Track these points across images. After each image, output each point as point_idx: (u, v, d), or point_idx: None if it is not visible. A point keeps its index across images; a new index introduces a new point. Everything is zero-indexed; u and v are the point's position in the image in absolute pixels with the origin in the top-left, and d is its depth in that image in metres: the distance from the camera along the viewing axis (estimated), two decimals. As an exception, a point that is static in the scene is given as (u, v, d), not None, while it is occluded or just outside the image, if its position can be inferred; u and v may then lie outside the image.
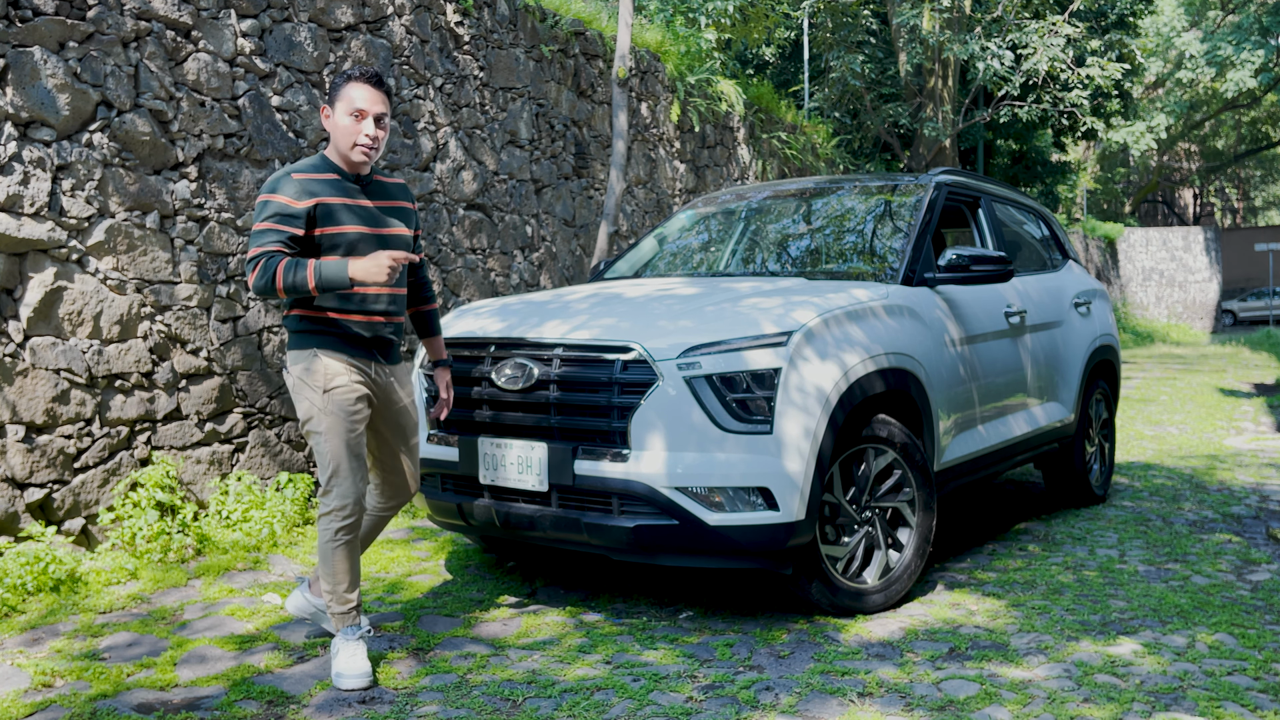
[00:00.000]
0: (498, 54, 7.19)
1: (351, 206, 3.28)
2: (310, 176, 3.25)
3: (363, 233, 3.27)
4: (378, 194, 3.39)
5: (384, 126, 3.31)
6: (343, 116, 3.27)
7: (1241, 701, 3.02)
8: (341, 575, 3.30)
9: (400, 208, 3.45)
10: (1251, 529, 5.33)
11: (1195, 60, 37.32)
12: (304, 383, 3.26)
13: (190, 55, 5.04)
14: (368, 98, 3.26)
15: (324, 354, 3.26)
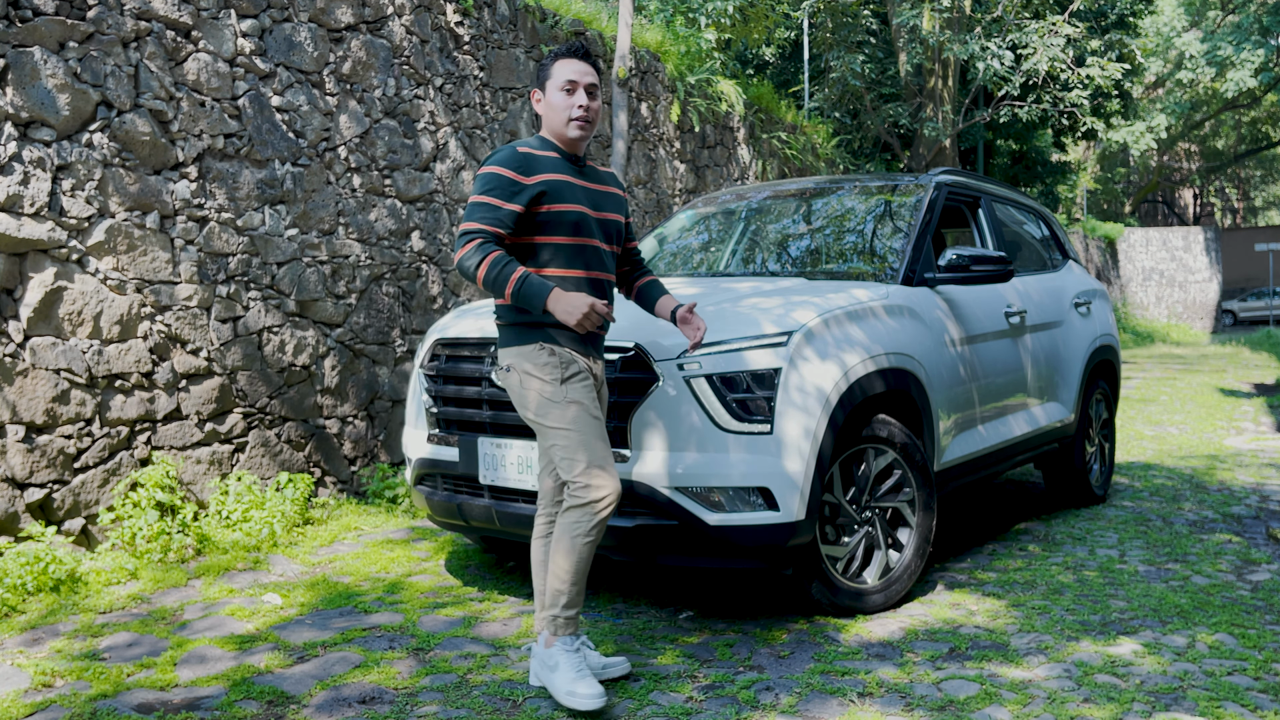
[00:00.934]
0: (498, 54, 7.19)
1: (575, 185, 3.14)
2: (536, 152, 3.13)
3: (585, 213, 3.12)
4: (592, 178, 3.25)
5: (594, 97, 3.17)
6: (555, 93, 3.15)
7: (1242, 701, 3.02)
8: (581, 576, 3.06)
9: (614, 194, 3.29)
10: (1252, 529, 5.33)
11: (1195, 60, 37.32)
12: (534, 376, 3.06)
13: (190, 55, 5.04)
14: (577, 70, 3.15)
15: (551, 345, 3.08)
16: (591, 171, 3.27)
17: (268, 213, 5.39)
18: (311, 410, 5.61)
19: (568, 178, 3.13)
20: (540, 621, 3.16)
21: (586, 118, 3.14)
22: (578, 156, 3.22)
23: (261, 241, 5.35)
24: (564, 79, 3.13)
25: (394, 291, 6.20)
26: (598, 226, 3.16)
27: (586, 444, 3.01)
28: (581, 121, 3.14)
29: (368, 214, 6.02)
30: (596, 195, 3.21)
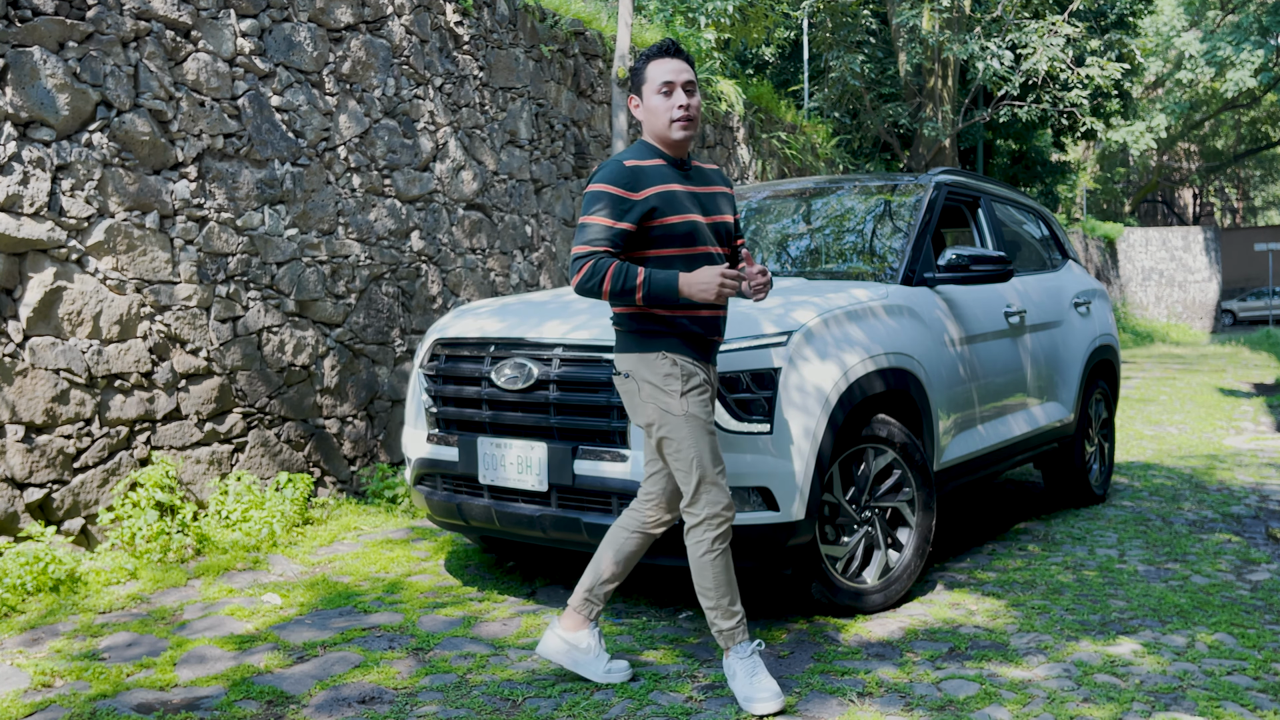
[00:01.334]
0: (497, 54, 7.19)
1: (682, 194, 3.06)
2: (643, 163, 3.05)
3: (696, 222, 3.05)
4: (699, 179, 3.17)
5: (693, 93, 3.08)
6: (652, 96, 3.07)
7: (1241, 701, 3.02)
8: (724, 587, 3.05)
9: (723, 193, 3.21)
10: (1251, 529, 5.33)
11: (1195, 60, 37.31)
12: (654, 386, 3.01)
13: (190, 55, 5.04)
14: (672, 69, 3.06)
15: (674, 355, 3.02)
16: (698, 173, 3.18)
17: (267, 213, 5.39)
18: (311, 410, 5.61)
19: (677, 186, 3.05)
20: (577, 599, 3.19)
21: (689, 116, 3.06)
22: (683, 159, 3.14)
23: (261, 241, 5.34)
24: (660, 81, 3.05)
25: (393, 291, 6.20)
26: (710, 232, 3.09)
27: (700, 460, 3.00)
28: (684, 121, 3.06)
29: (367, 214, 6.02)
30: (705, 199, 3.13)
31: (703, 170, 3.21)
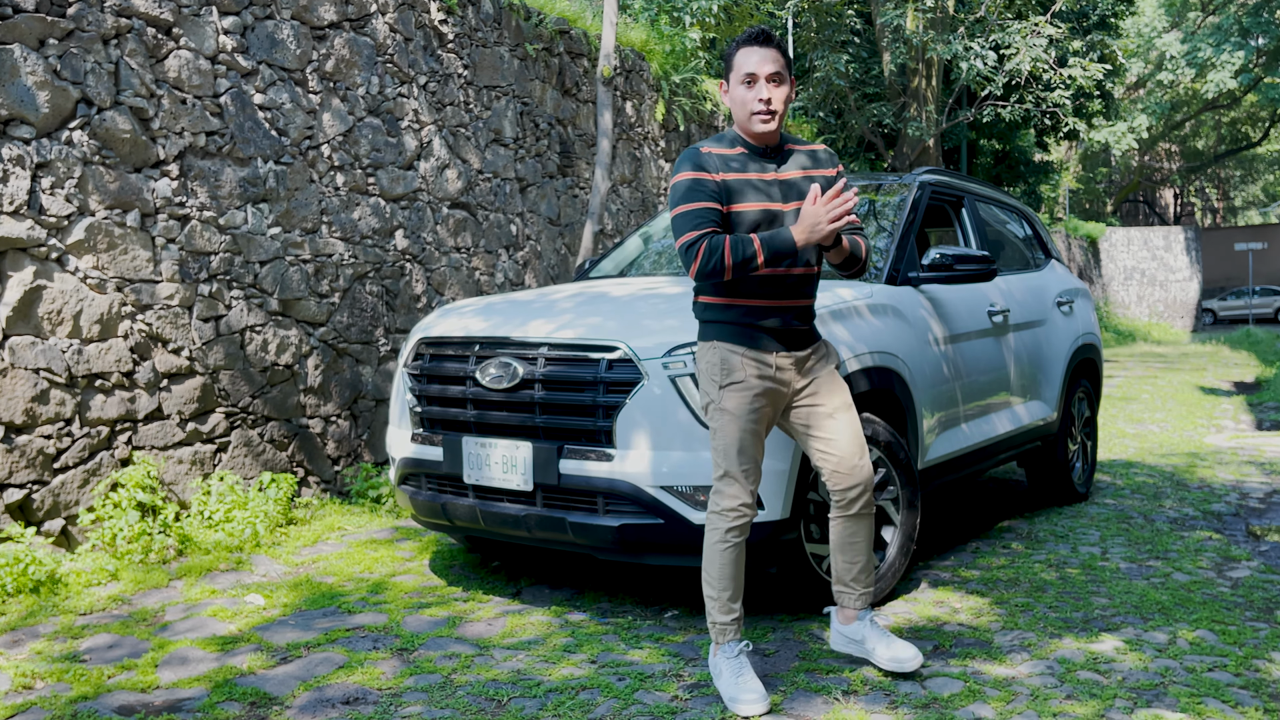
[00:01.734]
0: (482, 52, 7.17)
1: (755, 183, 3.07)
2: (717, 150, 3.09)
3: (765, 209, 3.04)
4: (791, 165, 3.14)
5: (779, 83, 3.05)
6: (736, 87, 3.07)
7: (1222, 698, 3.04)
8: (728, 580, 3.08)
9: (817, 177, 3.14)
10: (1232, 526, 5.37)
11: (1176, 61, 37.57)
12: (704, 374, 3.11)
13: (171, 52, 5.00)
14: (756, 59, 3.03)
15: (723, 345, 3.07)
16: (790, 158, 3.14)
17: (250, 211, 5.36)
18: (294, 410, 5.59)
19: (750, 175, 3.07)
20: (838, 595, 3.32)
21: (769, 109, 3.04)
22: (769, 148, 3.12)
23: (244, 240, 5.31)
24: (744, 71, 3.05)
25: (377, 290, 6.18)
26: (780, 222, 3.06)
27: (726, 453, 3.06)
28: (764, 115, 3.04)
29: (351, 212, 5.99)
30: (786, 186, 3.10)
31: (798, 154, 3.17)
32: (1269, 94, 37.55)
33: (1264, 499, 6.08)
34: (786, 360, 3.10)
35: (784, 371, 3.10)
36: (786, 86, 3.09)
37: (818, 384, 3.15)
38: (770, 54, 3.05)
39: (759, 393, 3.07)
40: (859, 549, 3.25)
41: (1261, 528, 5.37)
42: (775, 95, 3.04)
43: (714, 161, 3.07)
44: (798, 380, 3.14)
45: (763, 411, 3.09)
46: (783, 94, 3.07)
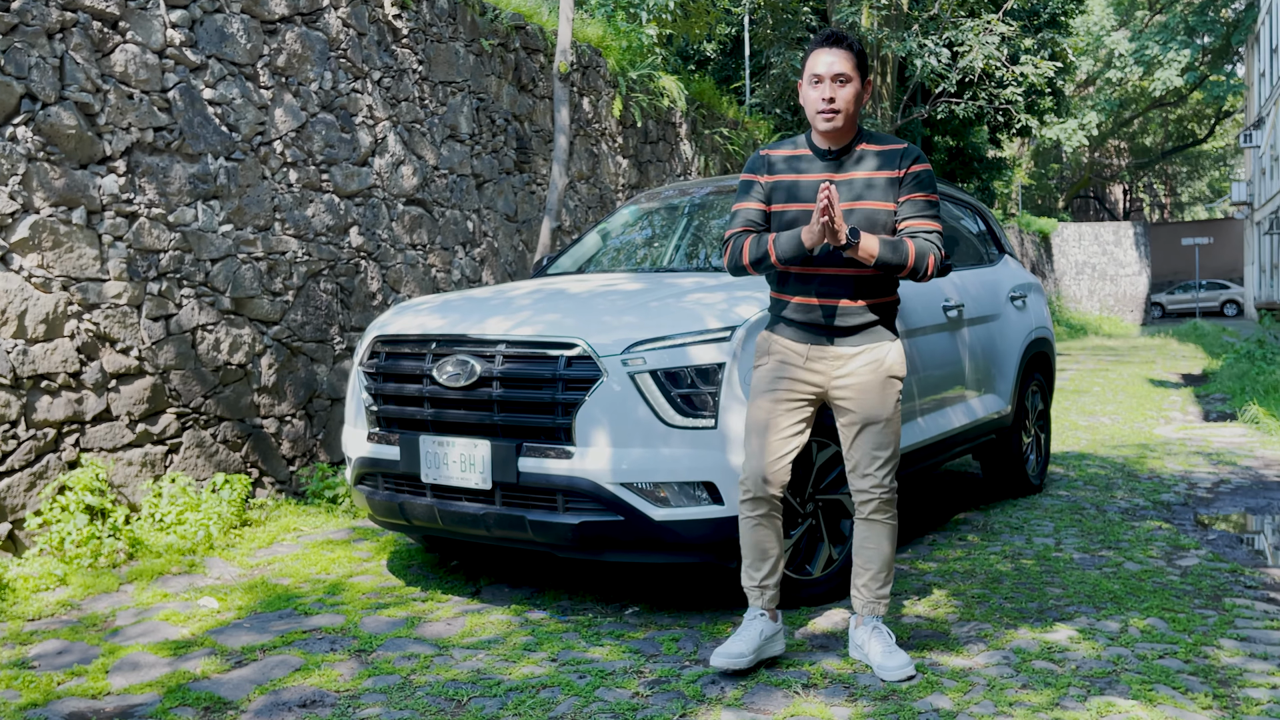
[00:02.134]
0: (437, 48, 7.11)
1: (805, 183, 3.17)
2: (776, 152, 3.27)
3: (807, 211, 3.13)
4: (854, 165, 3.19)
5: (845, 83, 3.12)
6: (807, 88, 3.16)
7: (1173, 684, 3.10)
8: (745, 550, 3.29)
9: (880, 178, 3.16)
10: (1181, 515, 5.47)
11: (1124, 59, 38.20)
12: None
13: (118, 47, 4.90)
14: (825, 61, 3.12)
15: (767, 331, 3.29)
16: (858, 159, 3.20)
17: (200, 208, 5.27)
18: (248, 409, 5.51)
19: (807, 176, 3.19)
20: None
21: (833, 109, 3.12)
22: (834, 149, 3.20)
23: (194, 238, 5.23)
24: (812, 72, 3.15)
25: (332, 288, 6.11)
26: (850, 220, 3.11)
27: (746, 429, 3.29)
28: (828, 114, 3.12)
29: (305, 209, 5.92)
30: (844, 186, 3.17)
31: (871, 155, 3.20)
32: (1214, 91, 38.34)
33: (1211, 489, 6.21)
34: (817, 352, 3.20)
35: (814, 363, 3.20)
36: (854, 85, 3.15)
37: (855, 389, 3.20)
38: (839, 55, 3.13)
39: (780, 376, 3.20)
40: (868, 555, 3.29)
41: (1209, 517, 5.48)
42: (839, 95, 3.12)
43: (771, 163, 3.27)
44: (833, 375, 3.20)
45: (782, 395, 3.20)
46: (848, 93, 3.13)
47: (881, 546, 3.29)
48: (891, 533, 3.29)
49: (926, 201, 3.18)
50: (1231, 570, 4.34)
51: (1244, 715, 2.87)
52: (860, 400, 3.20)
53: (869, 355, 3.21)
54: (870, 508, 3.27)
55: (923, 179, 3.17)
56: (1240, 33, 36.81)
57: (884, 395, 3.21)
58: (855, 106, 3.16)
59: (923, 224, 3.14)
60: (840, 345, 3.20)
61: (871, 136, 3.25)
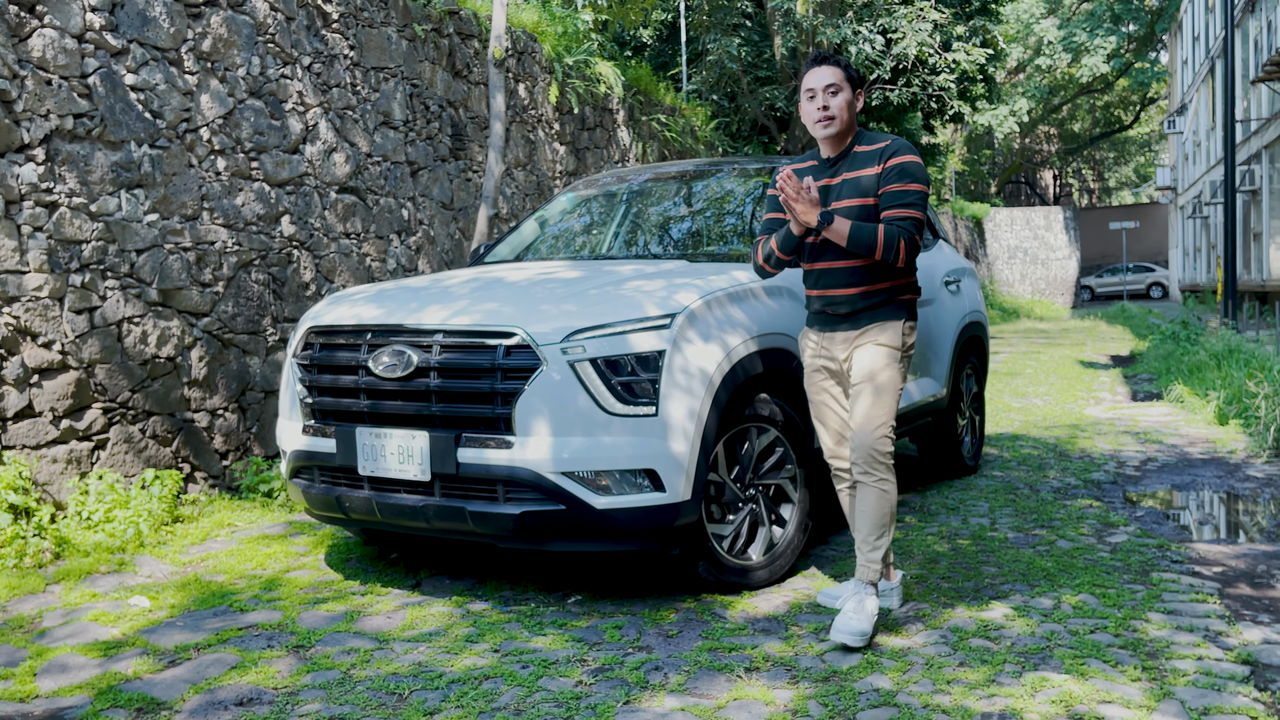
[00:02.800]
0: (368, 33, 6.99)
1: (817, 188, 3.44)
2: (792, 167, 3.57)
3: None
4: (846, 168, 3.49)
5: (836, 92, 3.45)
6: (805, 104, 3.50)
7: (1104, 658, 3.17)
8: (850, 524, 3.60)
9: (858, 177, 3.44)
10: (1110, 493, 5.61)
11: (1053, 46, 38.94)
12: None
13: (35, 31, 4.73)
14: (815, 77, 3.46)
15: (808, 329, 3.67)
16: (850, 161, 3.49)
17: (124, 197, 5.12)
18: (178, 403, 5.37)
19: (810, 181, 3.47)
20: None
21: (827, 115, 3.45)
22: (833, 156, 3.52)
23: (118, 228, 5.08)
24: (806, 89, 3.50)
25: (264, 279, 5.98)
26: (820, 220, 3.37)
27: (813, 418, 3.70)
28: (825, 120, 3.45)
29: (234, 198, 5.78)
30: (837, 187, 3.48)
31: (857, 155, 3.49)
32: (1139, 79, 39.27)
33: (1139, 467, 6.37)
34: (831, 338, 3.55)
35: (832, 347, 3.56)
36: (845, 94, 3.47)
37: (856, 357, 3.50)
38: (827, 70, 3.47)
39: (815, 368, 3.63)
40: (859, 518, 3.47)
41: (1137, 494, 5.63)
42: (832, 103, 3.45)
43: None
44: (841, 357, 3.55)
45: (821, 381, 3.62)
46: (840, 100, 3.46)
47: (868, 509, 3.42)
48: (879, 497, 3.40)
49: (903, 190, 3.39)
50: (1159, 546, 4.46)
51: (1172, 686, 2.95)
52: (859, 365, 3.47)
53: (871, 335, 3.48)
54: (858, 469, 3.43)
55: (904, 168, 3.40)
56: (1164, 21, 37.74)
57: (874, 361, 3.43)
58: (849, 113, 3.48)
59: (897, 212, 3.38)
60: (844, 330, 3.52)
61: (864, 138, 3.53)
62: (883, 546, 3.42)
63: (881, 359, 3.42)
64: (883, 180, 3.40)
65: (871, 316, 3.46)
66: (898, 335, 3.45)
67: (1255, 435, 7.02)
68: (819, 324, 3.58)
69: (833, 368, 3.58)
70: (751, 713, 2.84)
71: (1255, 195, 22.51)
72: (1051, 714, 2.78)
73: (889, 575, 3.61)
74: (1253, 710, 2.78)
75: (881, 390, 3.40)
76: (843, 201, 3.42)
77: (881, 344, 3.44)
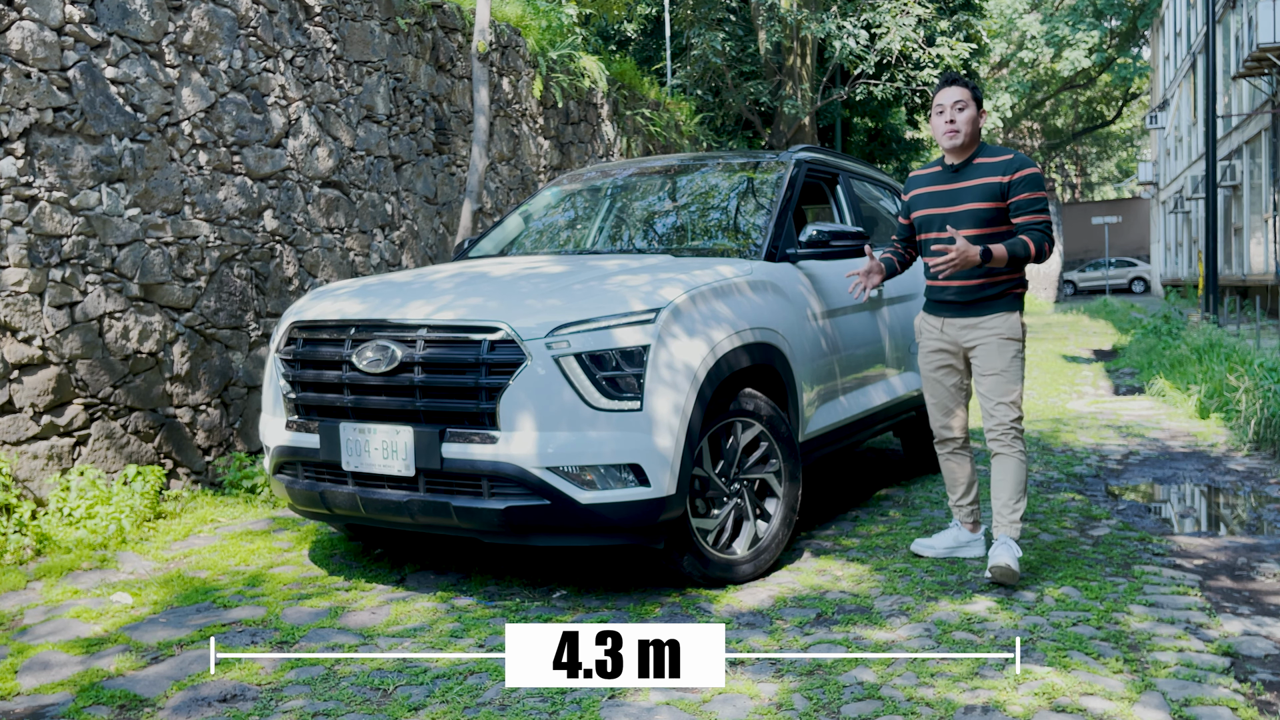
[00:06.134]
0: (351, 26, 6.95)
1: (935, 192, 4.03)
2: (917, 173, 4.17)
3: (932, 214, 4.00)
4: (966, 176, 3.97)
5: (963, 108, 3.93)
6: (935, 118, 4.00)
7: (1086, 650, 3.19)
8: (948, 482, 4.29)
9: (979, 184, 3.92)
10: (1093, 487, 5.65)
11: (1036, 41, 39.07)
12: None
13: (13, 24, 4.69)
14: (945, 95, 3.97)
15: (921, 312, 4.21)
16: (972, 169, 3.97)
17: (105, 191, 5.08)
18: (160, 399, 5.34)
19: (932, 187, 4.06)
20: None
21: (953, 129, 3.94)
22: (959, 162, 3.99)
23: (99, 222, 5.04)
24: (936, 104, 4.01)
25: (246, 273, 5.95)
26: (943, 221, 3.96)
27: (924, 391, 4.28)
28: (950, 133, 3.94)
29: (216, 192, 5.74)
30: (957, 193, 3.97)
31: (977, 165, 3.97)
32: (1121, 74, 39.46)
33: (1121, 460, 6.41)
34: (953, 324, 4.03)
35: (952, 332, 4.05)
36: (970, 111, 3.95)
37: (979, 351, 4.00)
38: (956, 90, 3.96)
39: (931, 350, 4.15)
40: (999, 483, 4.00)
41: (1119, 487, 5.67)
42: (959, 117, 3.94)
43: (913, 181, 4.17)
44: (965, 341, 4.02)
45: (936, 362, 4.14)
46: (966, 116, 3.94)
47: (1009, 475, 3.97)
48: (1016, 465, 3.96)
49: (1035, 199, 3.89)
50: (1140, 539, 4.50)
51: (1153, 678, 2.98)
52: (984, 358, 3.98)
53: (990, 325, 3.96)
54: (997, 444, 3.99)
55: (1034, 180, 3.87)
56: (1146, 16, 37.93)
57: (999, 356, 3.95)
58: (972, 128, 3.96)
59: (1034, 217, 3.90)
60: (966, 317, 4.01)
61: (987, 150, 4.00)
62: (1022, 506, 3.96)
63: (1009, 351, 3.96)
64: (1015, 189, 3.88)
65: (990, 307, 3.96)
66: (1016, 327, 3.97)
67: (1236, 429, 7.07)
68: (940, 311, 4.07)
69: (951, 349, 4.08)
70: (736, 706, 2.84)
71: (1236, 190, 22.67)
72: (1034, 706, 2.80)
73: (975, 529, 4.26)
74: (1233, 701, 2.81)
75: (1010, 377, 3.96)
76: (972, 204, 3.91)
77: (1006, 338, 3.95)
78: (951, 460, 4.25)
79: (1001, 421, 3.97)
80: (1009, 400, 3.96)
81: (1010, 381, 3.96)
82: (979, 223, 3.91)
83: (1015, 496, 3.95)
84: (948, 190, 4.00)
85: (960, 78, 4.01)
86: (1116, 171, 58.57)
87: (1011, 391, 3.96)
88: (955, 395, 4.17)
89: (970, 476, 4.24)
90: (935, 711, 2.79)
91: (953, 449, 4.24)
